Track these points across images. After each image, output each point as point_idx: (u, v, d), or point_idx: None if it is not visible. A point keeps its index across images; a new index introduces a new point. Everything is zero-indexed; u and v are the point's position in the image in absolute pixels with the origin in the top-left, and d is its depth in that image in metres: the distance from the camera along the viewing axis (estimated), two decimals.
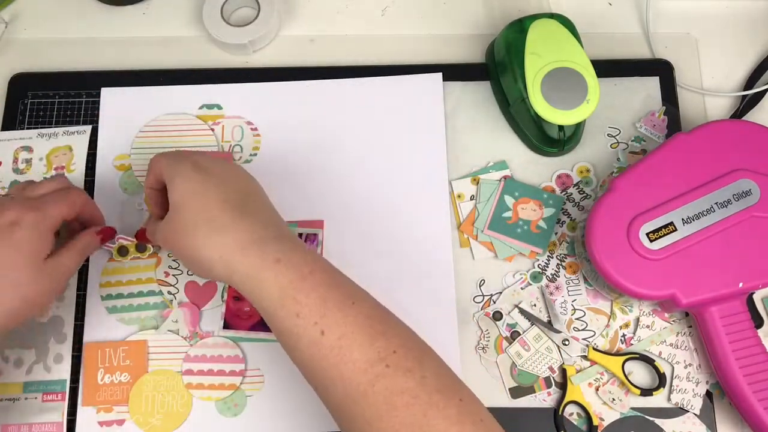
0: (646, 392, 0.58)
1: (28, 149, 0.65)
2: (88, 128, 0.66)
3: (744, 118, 0.66)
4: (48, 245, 0.52)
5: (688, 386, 0.59)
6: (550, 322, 0.60)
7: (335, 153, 0.65)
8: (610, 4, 0.71)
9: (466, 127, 0.66)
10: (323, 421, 0.58)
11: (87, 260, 0.62)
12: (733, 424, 0.58)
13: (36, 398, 0.58)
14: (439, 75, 0.67)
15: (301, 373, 0.48)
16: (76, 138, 0.65)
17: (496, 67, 0.65)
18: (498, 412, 0.58)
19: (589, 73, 0.58)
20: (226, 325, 0.60)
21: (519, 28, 0.61)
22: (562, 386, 0.59)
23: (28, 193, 0.54)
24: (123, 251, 0.61)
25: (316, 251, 0.51)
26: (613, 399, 0.58)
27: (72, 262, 0.53)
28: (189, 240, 0.49)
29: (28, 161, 0.65)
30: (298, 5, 0.71)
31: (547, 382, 0.59)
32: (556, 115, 0.57)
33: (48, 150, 0.65)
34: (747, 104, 0.66)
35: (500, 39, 0.63)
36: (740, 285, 0.54)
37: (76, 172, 0.64)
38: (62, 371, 0.59)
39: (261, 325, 0.60)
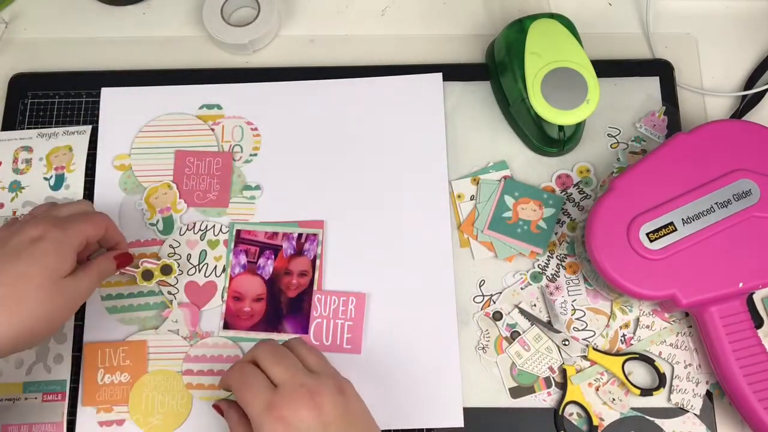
0: (646, 392, 0.58)
1: (28, 149, 0.65)
2: (88, 128, 0.66)
3: (744, 118, 0.66)
4: (69, 264, 0.51)
5: (688, 386, 0.59)
6: (550, 322, 0.60)
7: (335, 153, 0.65)
8: (610, 4, 0.71)
9: (466, 127, 0.66)
10: None
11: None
12: (733, 424, 0.58)
13: (36, 398, 0.58)
14: (439, 75, 0.67)
15: None
16: (76, 138, 0.65)
17: (496, 67, 0.65)
18: (498, 412, 0.59)
19: (589, 73, 0.58)
20: (226, 325, 0.60)
21: (519, 28, 0.61)
22: (562, 386, 0.59)
23: (54, 212, 0.54)
24: (148, 275, 0.58)
25: None
26: (613, 399, 0.58)
27: (89, 284, 0.52)
28: None
29: (28, 161, 0.65)
30: (298, 5, 0.71)
31: (547, 382, 0.59)
32: (556, 115, 0.57)
33: (48, 150, 0.65)
34: (747, 104, 0.66)
35: (500, 39, 0.63)
36: (740, 285, 0.54)
37: (76, 172, 0.64)
38: (62, 371, 0.59)
39: (261, 325, 0.60)
